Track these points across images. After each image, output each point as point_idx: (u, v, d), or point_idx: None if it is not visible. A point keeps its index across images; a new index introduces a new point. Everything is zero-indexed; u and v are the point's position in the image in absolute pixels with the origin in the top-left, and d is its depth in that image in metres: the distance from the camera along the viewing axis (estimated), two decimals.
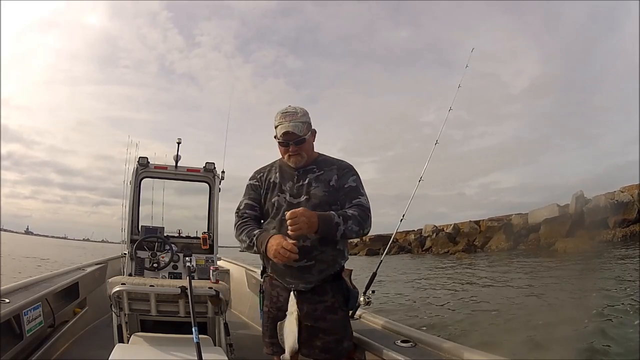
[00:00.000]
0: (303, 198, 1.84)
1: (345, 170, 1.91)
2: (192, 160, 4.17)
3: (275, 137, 1.90)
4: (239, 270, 5.13)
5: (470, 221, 32.44)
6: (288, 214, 1.62)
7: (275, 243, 1.68)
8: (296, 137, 1.84)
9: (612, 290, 10.05)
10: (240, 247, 1.88)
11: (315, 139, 1.96)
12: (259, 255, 1.94)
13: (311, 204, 1.81)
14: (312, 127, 1.92)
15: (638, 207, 24.15)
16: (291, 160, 1.88)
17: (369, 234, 1.90)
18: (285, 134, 1.82)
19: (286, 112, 1.86)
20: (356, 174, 1.93)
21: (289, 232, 1.62)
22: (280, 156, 1.96)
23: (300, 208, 1.67)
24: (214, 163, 4.12)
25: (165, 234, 4.02)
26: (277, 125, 1.86)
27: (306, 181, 1.87)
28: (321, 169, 1.91)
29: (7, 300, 2.44)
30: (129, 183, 4.00)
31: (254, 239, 1.79)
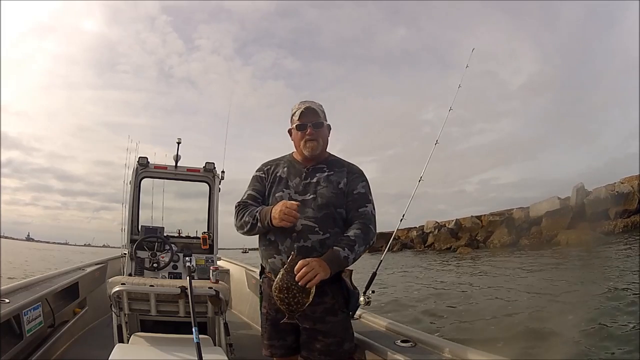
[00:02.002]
0: (309, 196, 1.80)
1: (355, 175, 1.89)
2: (191, 163, 4.16)
3: (289, 130, 1.90)
4: (239, 270, 5.13)
5: (472, 216, 32.47)
6: (299, 264, 1.57)
7: (280, 205, 1.66)
8: (315, 118, 1.83)
9: (615, 281, 10.09)
10: (242, 230, 1.82)
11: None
12: (259, 252, 1.91)
13: (317, 203, 1.78)
14: (328, 122, 1.91)
15: (638, 197, 24.19)
16: (307, 146, 1.84)
17: None
18: (306, 109, 1.81)
19: (305, 101, 1.88)
20: (366, 180, 1.90)
21: (304, 284, 1.57)
22: (294, 149, 1.94)
23: (309, 259, 1.61)
24: (213, 163, 4.11)
25: (165, 234, 4.01)
26: (295, 111, 1.84)
27: (314, 179, 1.84)
28: (331, 169, 1.88)
29: (7, 300, 2.44)
30: (129, 183, 3.99)
31: (257, 214, 1.76)
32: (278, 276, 1.61)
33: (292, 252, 1.64)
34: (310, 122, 1.82)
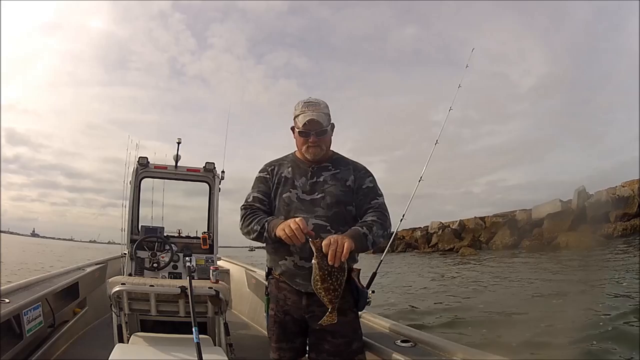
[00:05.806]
0: (318, 195, 1.79)
1: (362, 172, 1.89)
2: (199, 161, 4.18)
3: (292, 127, 1.87)
4: (239, 270, 5.12)
5: (475, 217, 32.53)
6: (324, 245, 1.50)
7: (291, 222, 1.60)
8: (319, 127, 1.79)
9: (613, 284, 10.08)
10: (249, 236, 1.80)
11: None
12: (266, 253, 1.90)
13: (326, 202, 1.77)
14: (331, 122, 1.87)
15: (638, 201, 24.20)
16: (310, 151, 1.83)
17: None
18: (309, 121, 1.77)
19: (309, 102, 1.82)
20: (372, 175, 1.91)
21: (334, 264, 1.51)
22: (296, 148, 1.91)
23: (333, 236, 1.54)
24: (213, 163, 4.11)
25: (165, 234, 4.01)
26: (299, 115, 1.81)
27: (321, 178, 1.83)
28: (337, 167, 1.87)
29: (7, 300, 2.43)
30: (129, 183, 3.99)
31: (266, 224, 1.73)
32: (314, 270, 1.54)
33: (316, 239, 1.55)
34: (314, 130, 1.79)
